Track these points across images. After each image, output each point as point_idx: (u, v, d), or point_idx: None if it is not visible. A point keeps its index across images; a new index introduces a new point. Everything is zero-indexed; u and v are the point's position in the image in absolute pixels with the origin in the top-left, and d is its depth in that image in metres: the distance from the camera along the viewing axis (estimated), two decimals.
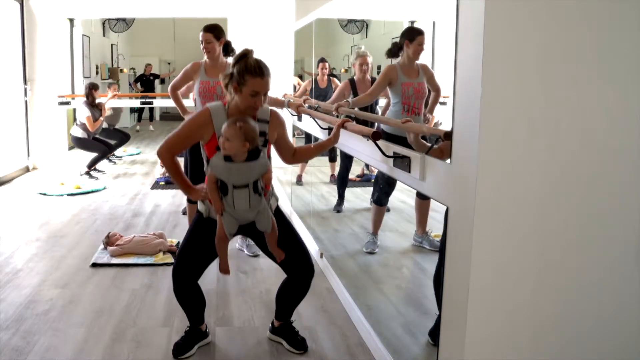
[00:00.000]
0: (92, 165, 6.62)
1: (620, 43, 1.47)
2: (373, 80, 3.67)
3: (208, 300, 2.58)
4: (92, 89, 6.59)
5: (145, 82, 12.18)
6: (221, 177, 2.17)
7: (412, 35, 2.89)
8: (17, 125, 7.02)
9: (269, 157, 2.34)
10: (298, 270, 2.43)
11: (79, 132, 6.56)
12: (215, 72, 3.46)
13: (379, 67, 3.82)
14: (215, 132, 2.23)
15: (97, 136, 6.76)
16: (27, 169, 7.08)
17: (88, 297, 3.08)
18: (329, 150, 5.30)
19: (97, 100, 6.63)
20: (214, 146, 2.23)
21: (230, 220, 2.23)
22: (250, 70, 2.15)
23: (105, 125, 7.04)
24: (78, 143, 6.64)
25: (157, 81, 12.73)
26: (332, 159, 5.47)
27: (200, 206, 2.39)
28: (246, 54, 2.20)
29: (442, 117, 2.86)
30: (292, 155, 2.46)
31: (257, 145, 2.18)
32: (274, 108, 2.58)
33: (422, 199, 3.18)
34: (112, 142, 7.11)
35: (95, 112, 6.58)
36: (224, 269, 2.33)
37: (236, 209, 2.20)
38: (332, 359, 2.46)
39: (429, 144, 1.92)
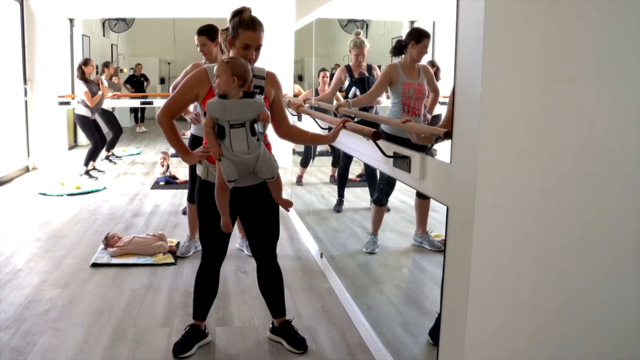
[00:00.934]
0: (87, 162, 6.64)
1: (620, 43, 1.46)
2: (369, 67, 3.67)
3: None
4: (81, 65, 6.65)
5: (136, 83, 11.90)
6: (217, 115, 2.17)
7: (420, 37, 2.89)
8: (17, 125, 7.02)
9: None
10: (262, 252, 2.48)
11: (82, 110, 6.64)
12: None
13: (379, 67, 3.81)
14: (212, 87, 2.26)
15: (96, 120, 6.81)
16: (27, 169, 7.08)
17: (88, 297, 3.08)
18: (332, 154, 5.30)
19: (90, 76, 6.66)
20: None
21: (230, 166, 2.20)
22: (243, 24, 2.25)
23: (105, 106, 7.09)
24: (80, 121, 6.74)
25: (157, 81, 12.58)
26: (335, 164, 5.39)
27: (198, 169, 2.39)
28: (242, 11, 2.28)
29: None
30: (288, 128, 2.46)
31: (247, 83, 2.19)
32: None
33: (422, 199, 3.18)
34: (111, 131, 7.20)
35: (93, 87, 6.61)
36: (226, 225, 2.30)
37: (234, 151, 2.19)
38: (332, 359, 2.46)
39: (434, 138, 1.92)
